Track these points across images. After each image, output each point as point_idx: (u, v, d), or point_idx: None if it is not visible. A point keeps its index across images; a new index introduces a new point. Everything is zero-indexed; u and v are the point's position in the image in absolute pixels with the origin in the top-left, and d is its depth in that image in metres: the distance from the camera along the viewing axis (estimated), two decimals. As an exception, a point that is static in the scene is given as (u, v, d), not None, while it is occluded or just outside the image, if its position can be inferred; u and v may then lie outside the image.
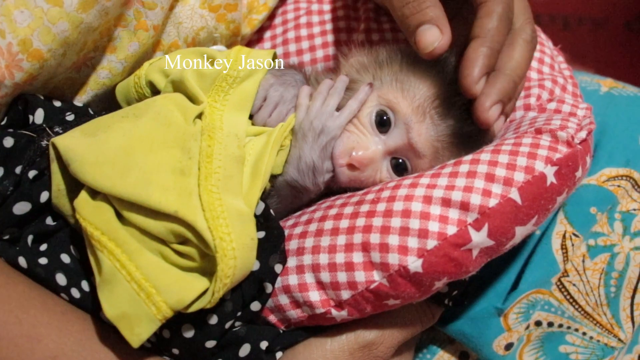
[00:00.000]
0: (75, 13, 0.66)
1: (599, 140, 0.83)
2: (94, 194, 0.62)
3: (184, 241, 0.60)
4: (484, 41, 0.70)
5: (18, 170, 0.64)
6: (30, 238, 0.64)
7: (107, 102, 0.78)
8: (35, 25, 0.64)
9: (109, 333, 0.62)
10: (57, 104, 0.71)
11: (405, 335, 0.70)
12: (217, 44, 0.85)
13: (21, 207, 0.64)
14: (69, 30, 0.66)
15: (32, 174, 0.64)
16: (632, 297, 0.80)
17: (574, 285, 0.79)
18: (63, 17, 0.65)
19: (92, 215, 0.60)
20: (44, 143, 0.65)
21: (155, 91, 0.73)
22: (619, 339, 0.80)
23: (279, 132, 0.70)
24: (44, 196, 0.64)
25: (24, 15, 0.63)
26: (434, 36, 0.69)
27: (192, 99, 0.69)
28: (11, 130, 0.66)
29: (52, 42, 0.65)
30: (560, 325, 0.80)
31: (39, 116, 0.67)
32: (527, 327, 0.80)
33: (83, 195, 0.62)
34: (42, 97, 0.69)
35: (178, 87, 0.70)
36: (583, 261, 0.79)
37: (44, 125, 0.68)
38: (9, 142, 0.64)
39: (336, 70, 0.81)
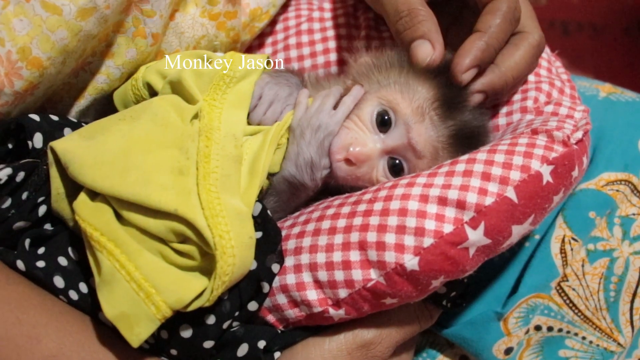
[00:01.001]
0: (74, 21, 0.66)
1: (598, 145, 0.84)
2: (93, 195, 0.62)
3: (183, 240, 0.61)
4: (482, 35, 0.73)
5: (24, 196, 0.64)
6: (27, 242, 0.64)
7: (107, 107, 0.78)
8: (34, 34, 0.64)
9: (108, 333, 0.62)
10: (55, 118, 0.71)
11: (404, 336, 0.70)
12: (217, 52, 0.85)
13: (20, 225, 0.64)
14: (68, 39, 0.66)
15: (40, 199, 0.64)
16: (632, 302, 0.80)
17: (573, 289, 0.79)
18: (62, 25, 0.65)
19: (91, 217, 0.61)
20: (46, 166, 0.65)
21: (152, 93, 0.73)
22: (619, 344, 0.80)
23: (275, 130, 0.71)
24: (41, 210, 0.64)
25: (23, 24, 0.64)
26: (427, 52, 0.74)
27: (189, 99, 0.70)
28: (17, 162, 0.66)
29: (51, 50, 0.66)
30: (560, 330, 0.80)
31: (37, 140, 0.67)
32: (527, 332, 0.80)
33: (82, 197, 0.62)
34: (37, 119, 0.68)
35: (176, 87, 0.70)
36: (582, 266, 0.79)
37: (45, 148, 0.67)
38: (21, 176, 0.64)
39: (339, 75, 0.81)
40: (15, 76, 0.65)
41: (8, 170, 0.64)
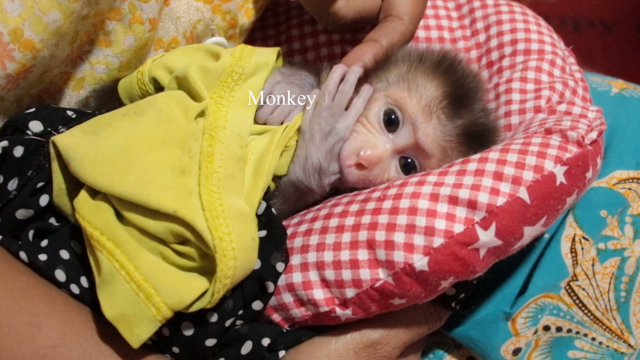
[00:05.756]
0: (67, 3, 0.65)
1: (610, 142, 0.83)
2: (94, 193, 0.61)
3: (183, 241, 0.60)
4: None
5: (29, 173, 0.64)
6: (31, 233, 0.64)
7: (106, 99, 0.78)
8: (26, 15, 0.63)
9: (110, 326, 0.61)
10: (53, 105, 0.71)
11: (412, 336, 0.70)
12: (214, 36, 0.85)
13: (23, 213, 0.64)
14: (60, 20, 0.65)
15: (40, 185, 0.64)
16: (643, 302, 0.79)
17: (583, 289, 0.78)
18: (55, 6, 0.64)
19: (91, 215, 0.60)
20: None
21: (158, 87, 0.72)
22: (629, 345, 0.79)
23: (283, 132, 0.70)
24: (43, 200, 0.64)
25: (14, 5, 0.63)
26: None
27: (195, 96, 0.69)
28: (21, 137, 0.66)
29: (44, 32, 0.65)
30: (569, 330, 0.79)
31: (35, 126, 0.67)
32: (536, 332, 0.79)
33: (83, 194, 0.61)
34: (31, 110, 0.68)
35: (182, 83, 0.70)
36: (593, 265, 0.78)
37: (49, 129, 0.67)
38: (19, 151, 0.64)
39: None
40: (8, 58, 0.64)
41: (4, 143, 0.64)
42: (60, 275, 0.62)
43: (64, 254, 0.63)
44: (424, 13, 0.80)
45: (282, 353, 0.67)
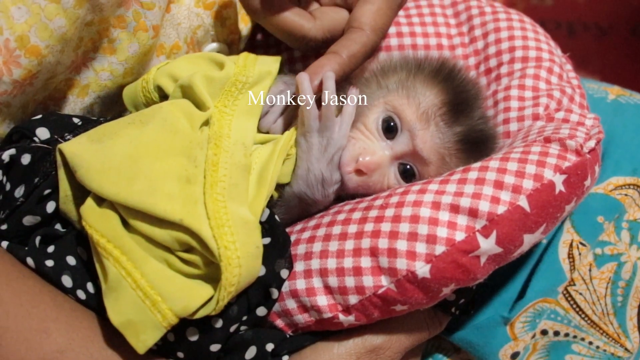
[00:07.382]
0: (72, 9, 0.66)
1: (606, 149, 0.83)
2: (100, 201, 0.62)
3: (189, 249, 0.60)
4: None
5: (36, 180, 0.64)
6: (38, 239, 0.64)
7: (110, 105, 0.78)
8: (32, 22, 0.64)
9: (116, 331, 0.62)
10: (58, 112, 0.71)
11: (413, 342, 0.70)
12: (214, 42, 0.85)
13: (30, 219, 0.64)
14: (66, 27, 0.66)
15: (46, 192, 0.64)
16: (639, 307, 0.79)
17: (580, 294, 0.79)
18: (60, 13, 0.65)
19: (98, 222, 0.60)
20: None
21: (163, 96, 0.73)
22: (626, 349, 0.80)
23: (284, 141, 0.70)
24: (50, 207, 0.64)
25: (21, 12, 0.63)
26: None
27: (199, 105, 0.69)
28: (28, 145, 0.66)
29: (50, 39, 0.65)
30: (567, 335, 0.80)
31: (42, 133, 0.67)
32: (533, 336, 0.79)
33: (89, 202, 0.62)
34: (37, 117, 0.69)
35: (186, 91, 0.70)
36: (590, 270, 0.79)
37: (55, 136, 0.68)
38: (26, 159, 0.64)
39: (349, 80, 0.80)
40: (14, 64, 0.65)
41: (12, 151, 0.64)
42: (66, 281, 0.63)
43: (71, 260, 0.63)
44: (389, 25, 0.78)
45: (285, 358, 0.67)
